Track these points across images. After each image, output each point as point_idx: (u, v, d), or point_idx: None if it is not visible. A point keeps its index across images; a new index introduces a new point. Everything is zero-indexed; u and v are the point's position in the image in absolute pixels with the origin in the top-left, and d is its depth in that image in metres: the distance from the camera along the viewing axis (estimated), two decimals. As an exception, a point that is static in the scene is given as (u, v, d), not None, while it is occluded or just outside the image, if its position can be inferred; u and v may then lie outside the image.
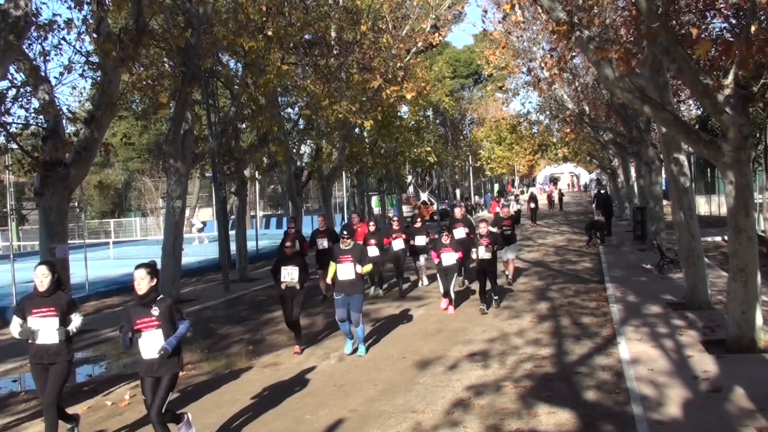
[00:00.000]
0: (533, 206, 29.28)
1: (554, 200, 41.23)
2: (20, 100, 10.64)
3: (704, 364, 6.69)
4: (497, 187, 62.88)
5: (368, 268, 8.21)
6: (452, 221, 13.15)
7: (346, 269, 8.03)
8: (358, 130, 22.08)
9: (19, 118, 14.55)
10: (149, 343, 5.07)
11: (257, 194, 37.63)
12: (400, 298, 12.24)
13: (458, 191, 49.71)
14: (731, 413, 5.30)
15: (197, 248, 26.66)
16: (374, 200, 35.00)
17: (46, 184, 10.31)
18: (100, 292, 14.69)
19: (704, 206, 27.89)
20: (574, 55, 13.18)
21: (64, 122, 10.81)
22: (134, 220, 44.27)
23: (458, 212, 13.47)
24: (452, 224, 12.53)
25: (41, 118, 10.67)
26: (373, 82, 17.08)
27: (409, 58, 20.04)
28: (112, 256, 24.58)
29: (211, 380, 7.52)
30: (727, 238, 8.18)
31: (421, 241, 12.81)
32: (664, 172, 13.36)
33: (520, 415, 5.71)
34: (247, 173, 18.93)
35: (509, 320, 9.76)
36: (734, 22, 10.29)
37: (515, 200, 30.72)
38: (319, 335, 9.57)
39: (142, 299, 5.08)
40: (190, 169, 14.38)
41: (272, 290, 8.48)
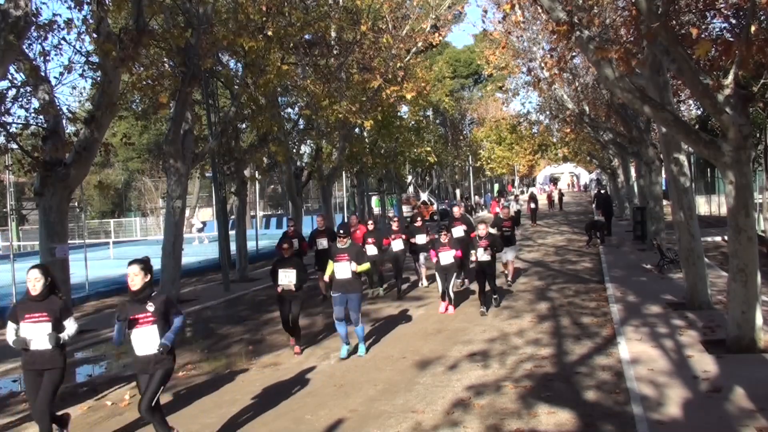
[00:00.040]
0: (533, 206, 29.22)
1: (554, 200, 41.20)
2: (20, 100, 10.64)
3: (704, 364, 6.69)
4: (497, 187, 62.87)
5: (364, 267, 8.16)
6: (451, 220, 13.20)
7: (342, 268, 8.03)
8: (358, 130, 22.08)
9: (19, 118, 14.55)
10: (143, 339, 5.02)
11: (257, 194, 37.63)
12: (399, 298, 12.25)
13: (458, 191, 49.70)
14: (731, 413, 5.31)
15: (197, 248, 26.66)
16: (374, 200, 35.00)
17: (46, 184, 10.31)
18: (100, 292, 14.70)
19: (704, 206, 27.89)
20: (574, 55, 13.18)
21: (64, 122, 10.81)
22: (134, 220, 44.28)
23: (457, 211, 13.51)
24: (451, 223, 12.61)
25: (41, 118, 10.67)
26: (373, 82, 17.08)
27: (409, 58, 20.03)
28: (112, 256, 24.56)
29: (211, 380, 7.52)
30: (727, 238, 8.18)
31: (421, 239, 12.83)
32: (664, 172, 13.36)
33: (520, 415, 5.71)
34: (247, 173, 18.93)
35: (509, 320, 9.76)
36: (734, 22, 10.29)
37: (515, 200, 30.70)
38: (319, 335, 9.57)
39: (136, 295, 5.03)
40: (190, 169, 14.38)
41: (272, 290, 8.49)
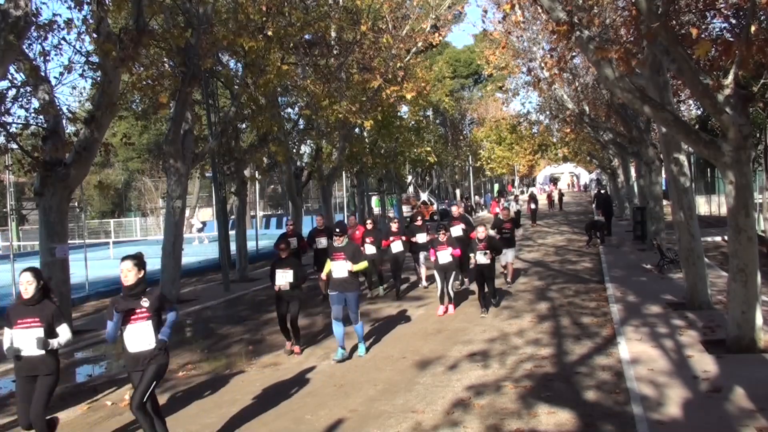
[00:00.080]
0: (533, 207, 29.19)
1: (554, 200, 41.18)
2: (20, 100, 10.65)
3: (704, 364, 6.69)
4: (497, 187, 62.86)
5: (361, 266, 8.06)
6: (449, 219, 13.20)
7: (339, 267, 7.97)
8: (358, 130, 22.09)
9: (19, 118, 14.56)
10: (137, 335, 4.94)
11: (257, 194, 37.63)
12: (399, 298, 12.24)
13: (458, 191, 49.68)
14: (731, 413, 5.30)
15: (197, 248, 26.67)
16: (374, 200, 34.99)
17: (46, 184, 10.32)
18: (100, 292, 14.71)
19: (704, 206, 27.89)
20: (574, 55, 13.19)
21: (64, 122, 10.82)
22: (134, 220, 44.30)
23: (455, 210, 13.50)
24: (450, 223, 12.62)
25: (41, 118, 10.67)
26: (373, 82, 17.08)
27: (409, 58, 20.04)
28: (112, 256, 24.54)
29: (211, 380, 7.52)
30: (727, 238, 8.18)
31: (422, 238, 12.81)
32: (664, 172, 13.36)
33: (520, 415, 5.71)
34: (247, 173, 18.93)
35: (509, 320, 9.75)
36: (734, 22, 10.29)
37: (514, 200, 30.68)
38: (318, 335, 9.57)
39: (130, 290, 4.96)
40: (190, 169, 14.38)
41: (272, 290, 8.47)
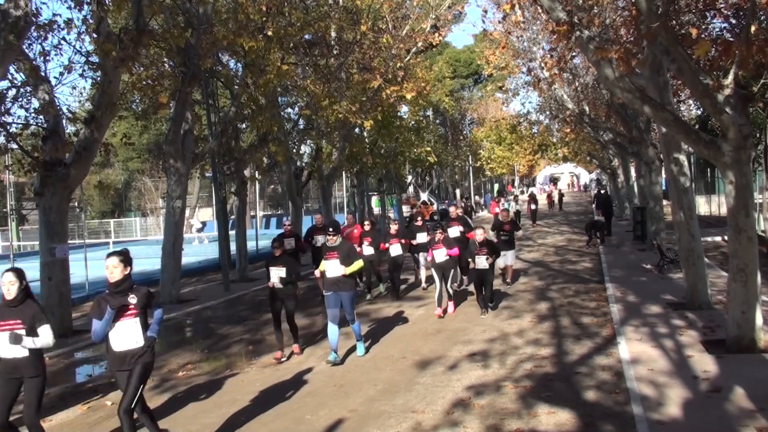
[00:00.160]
0: (533, 207, 29.16)
1: (554, 200, 41.18)
2: (20, 100, 10.67)
3: (704, 364, 6.69)
4: (497, 187, 62.85)
5: (355, 267, 7.90)
6: (448, 220, 13.14)
7: (332, 266, 7.84)
8: (358, 130, 22.09)
9: (19, 118, 14.56)
10: (124, 333, 4.82)
11: (257, 194, 37.62)
12: (398, 298, 12.22)
13: (458, 191, 49.66)
14: (731, 413, 5.30)
15: (197, 248, 26.66)
16: (374, 200, 34.98)
17: (46, 184, 10.33)
18: (100, 292, 14.53)
19: (704, 206, 27.89)
20: (574, 55, 13.19)
21: (64, 122, 10.83)
22: (134, 220, 44.30)
23: (453, 211, 13.38)
24: (447, 223, 12.54)
25: (41, 118, 10.69)
26: (373, 82, 17.08)
27: (409, 58, 20.04)
28: (112, 256, 24.50)
29: (211, 380, 7.52)
30: (727, 238, 8.18)
31: (422, 238, 12.74)
32: (664, 172, 13.36)
33: (520, 415, 5.71)
34: (247, 173, 18.93)
35: (509, 320, 9.75)
36: (734, 22, 10.30)
37: (514, 200, 30.66)
38: (318, 335, 9.56)
39: (116, 287, 4.87)
40: (190, 169, 14.40)
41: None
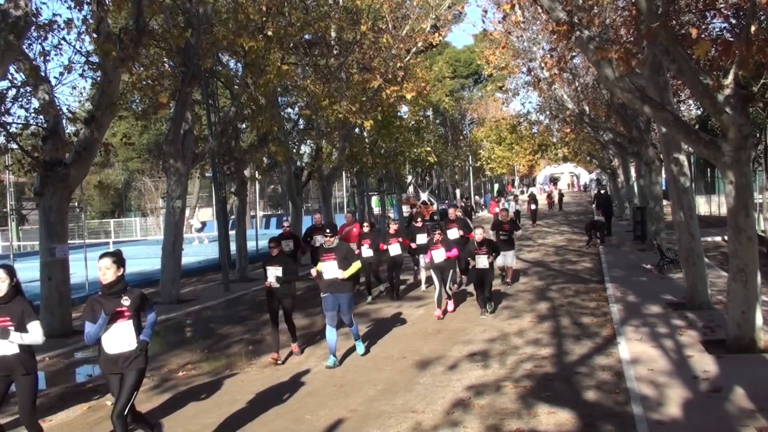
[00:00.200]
0: (533, 207, 29.15)
1: (554, 200, 41.17)
2: (20, 100, 10.68)
3: (704, 364, 6.69)
4: (497, 187, 62.86)
5: (353, 270, 7.76)
6: (446, 222, 12.97)
7: (329, 268, 7.71)
8: (358, 130, 22.08)
9: (19, 118, 14.57)
10: (117, 335, 4.74)
11: (257, 194, 37.63)
12: (398, 298, 12.22)
13: (458, 191, 49.68)
14: (731, 413, 5.30)
15: (197, 248, 26.66)
16: (374, 200, 34.97)
17: (46, 184, 10.33)
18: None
19: (704, 206, 27.89)
20: (574, 55, 13.19)
21: (64, 122, 10.84)
22: (134, 220, 44.33)
23: (452, 213, 13.16)
24: (446, 225, 12.42)
25: (41, 118, 10.69)
26: (373, 82, 17.08)
27: (409, 58, 20.03)
28: (112, 256, 24.50)
29: (211, 380, 7.51)
30: (727, 238, 8.18)
31: (422, 239, 12.67)
32: (664, 172, 13.36)
33: (520, 415, 5.71)
34: (247, 173, 18.94)
35: (509, 320, 9.75)
36: (734, 22, 10.30)
37: (514, 200, 30.65)
38: (318, 335, 9.56)
39: (109, 288, 4.80)
40: (190, 169, 14.40)
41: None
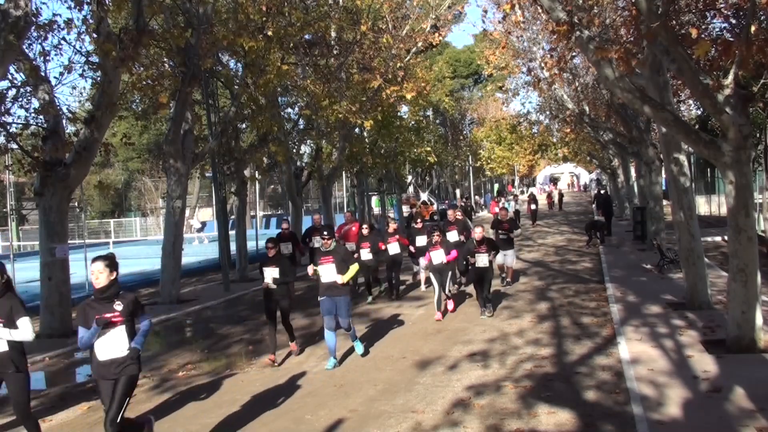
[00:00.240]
0: (533, 207, 29.13)
1: (554, 200, 41.16)
2: (20, 100, 10.68)
3: (704, 364, 6.69)
4: (497, 187, 62.86)
5: (351, 272, 7.69)
6: (445, 224, 12.81)
7: (327, 271, 7.60)
8: (358, 130, 22.08)
9: (19, 118, 14.57)
10: (109, 341, 4.66)
11: (257, 194, 37.63)
12: (398, 298, 12.22)
13: (458, 191, 49.70)
14: (731, 413, 5.30)
15: (197, 248, 26.68)
16: (374, 200, 34.97)
17: (46, 184, 10.33)
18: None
19: (704, 206, 27.89)
20: (574, 55, 13.18)
21: (64, 122, 10.84)
22: (134, 220, 44.35)
23: (451, 215, 12.91)
24: (445, 227, 12.30)
25: (41, 118, 10.69)
26: (373, 82, 17.08)
27: (409, 58, 20.03)
28: (112, 256, 24.50)
29: (211, 380, 7.51)
30: (727, 238, 8.18)
31: (421, 241, 12.58)
32: (664, 172, 13.36)
33: (520, 415, 5.71)
34: (247, 173, 18.94)
35: (509, 320, 9.75)
36: (734, 22, 10.30)
37: (514, 200, 30.63)
38: (318, 335, 9.55)
39: (102, 293, 4.72)
40: (190, 169, 14.40)
41: (271, 291, 8.36)
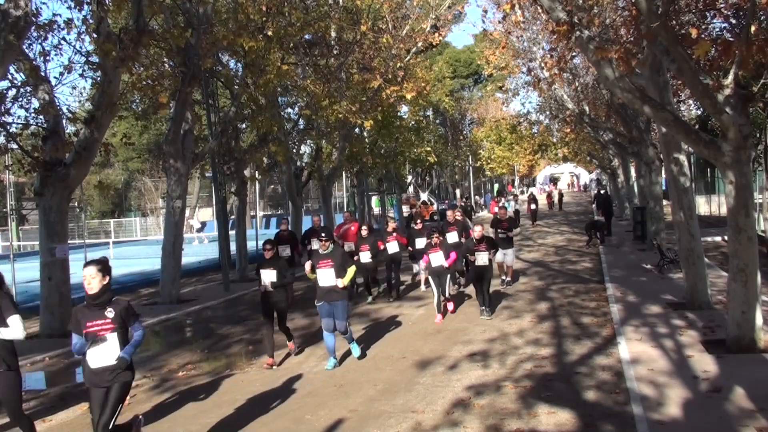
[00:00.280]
0: (533, 207, 29.13)
1: (554, 200, 41.15)
2: (20, 100, 10.68)
3: (704, 364, 6.69)
4: (497, 187, 62.86)
5: (350, 275, 7.64)
6: (445, 225, 12.71)
7: (326, 275, 7.50)
8: (358, 130, 22.09)
9: (19, 118, 14.57)
10: (101, 349, 4.58)
11: (257, 194, 37.63)
12: (398, 298, 12.21)
13: (458, 191, 49.70)
14: (731, 413, 5.30)
15: (197, 248, 26.69)
16: (374, 200, 34.97)
17: (46, 184, 10.33)
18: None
19: (704, 206, 27.90)
20: (574, 55, 13.18)
21: (64, 122, 10.84)
22: (134, 220, 44.37)
23: (450, 216, 12.80)
24: (445, 228, 12.23)
25: (41, 118, 10.70)
26: (373, 82, 17.08)
27: (409, 58, 20.03)
28: (112, 256, 24.54)
29: (211, 380, 7.52)
30: (727, 238, 8.18)
31: (421, 243, 12.17)
32: (664, 172, 13.36)
33: (520, 415, 5.71)
34: (247, 173, 18.94)
35: (509, 320, 9.75)
36: (734, 22, 10.30)
37: (514, 200, 30.60)
38: (318, 335, 9.55)
39: (94, 299, 4.59)
40: (190, 169, 14.40)
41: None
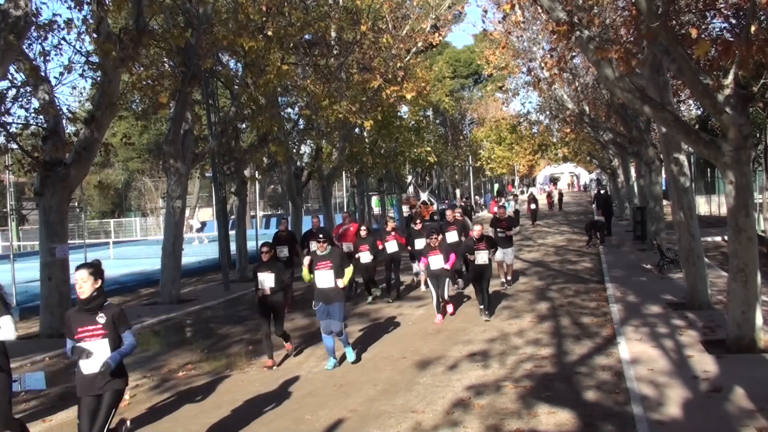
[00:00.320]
0: (533, 207, 29.12)
1: (554, 200, 41.13)
2: (20, 100, 10.69)
3: (704, 364, 6.69)
4: (497, 187, 62.86)
5: (348, 276, 7.63)
6: (445, 225, 12.69)
7: (324, 277, 7.48)
8: (358, 130, 22.09)
9: (19, 118, 14.57)
10: (92, 357, 4.48)
11: (257, 194, 37.65)
12: (398, 298, 12.20)
13: (458, 191, 49.70)
14: (731, 413, 5.30)
15: (197, 248, 26.69)
16: (374, 200, 34.97)
17: (46, 184, 10.33)
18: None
19: (704, 206, 27.90)
20: (574, 55, 13.18)
21: (64, 122, 10.85)
22: (134, 220, 44.38)
23: (450, 215, 12.78)
24: (445, 228, 12.23)
25: (41, 118, 10.70)
26: (373, 82, 17.08)
27: (409, 58, 20.04)
28: (112, 256, 24.61)
29: (211, 380, 7.52)
30: (727, 238, 8.18)
31: (420, 244, 12.05)
32: (664, 172, 13.35)
33: (520, 415, 5.71)
34: (247, 173, 18.95)
35: (509, 320, 9.75)
36: (734, 22, 10.30)
37: (514, 200, 30.59)
38: (318, 335, 9.55)
39: (85, 304, 4.48)
40: (190, 169, 14.40)
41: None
